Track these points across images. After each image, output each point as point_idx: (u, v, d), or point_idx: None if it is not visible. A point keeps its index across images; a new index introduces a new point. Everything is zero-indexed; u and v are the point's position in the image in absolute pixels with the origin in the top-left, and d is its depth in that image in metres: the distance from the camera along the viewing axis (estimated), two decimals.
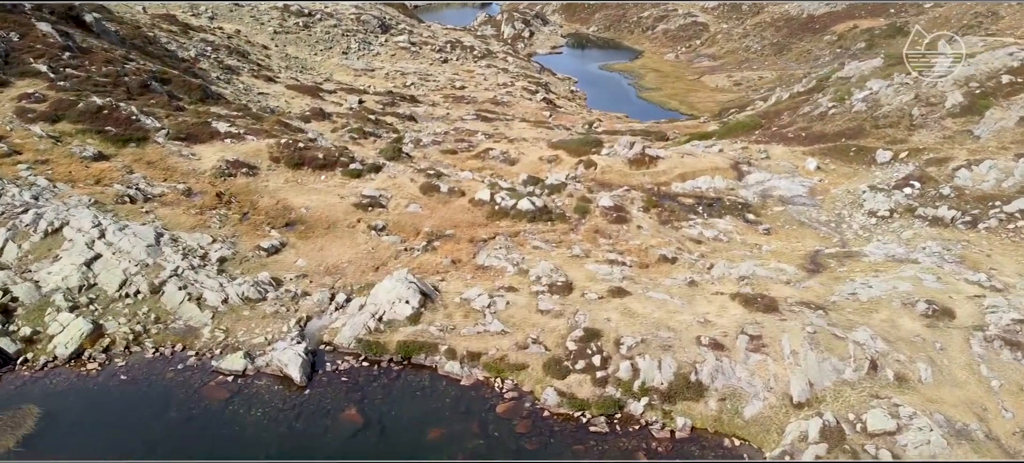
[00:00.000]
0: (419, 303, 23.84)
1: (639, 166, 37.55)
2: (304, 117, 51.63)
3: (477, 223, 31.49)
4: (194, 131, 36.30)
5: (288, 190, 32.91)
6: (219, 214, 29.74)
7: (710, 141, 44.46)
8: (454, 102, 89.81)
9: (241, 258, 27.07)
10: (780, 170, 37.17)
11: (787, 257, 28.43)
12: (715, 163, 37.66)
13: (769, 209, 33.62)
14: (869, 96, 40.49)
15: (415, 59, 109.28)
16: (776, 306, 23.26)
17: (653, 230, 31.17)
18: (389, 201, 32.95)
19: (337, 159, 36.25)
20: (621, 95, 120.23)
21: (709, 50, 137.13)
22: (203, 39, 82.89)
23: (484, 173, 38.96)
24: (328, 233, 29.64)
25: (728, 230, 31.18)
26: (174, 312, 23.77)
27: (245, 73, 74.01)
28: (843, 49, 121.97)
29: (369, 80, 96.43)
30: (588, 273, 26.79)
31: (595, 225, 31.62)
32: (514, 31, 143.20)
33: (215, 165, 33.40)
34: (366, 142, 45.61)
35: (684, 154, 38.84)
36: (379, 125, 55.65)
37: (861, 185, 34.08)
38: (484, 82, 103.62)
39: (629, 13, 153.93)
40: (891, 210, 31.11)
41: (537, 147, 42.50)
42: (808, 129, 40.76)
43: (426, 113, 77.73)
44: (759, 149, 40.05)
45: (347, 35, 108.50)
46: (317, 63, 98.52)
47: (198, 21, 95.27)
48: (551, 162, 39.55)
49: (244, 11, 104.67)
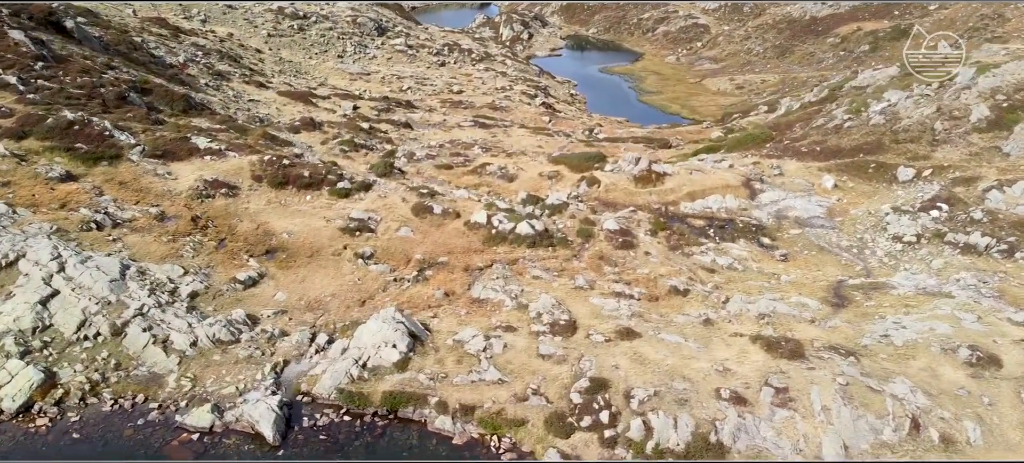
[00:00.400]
0: (407, 347, 21.49)
1: (645, 184, 35.21)
2: (293, 127, 49.27)
3: (472, 249, 29.16)
4: (172, 147, 33.91)
5: (270, 212, 30.55)
6: (193, 241, 27.38)
7: (719, 154, 42.13)
8: (451, 107, 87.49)
9: (215, 292, 24.71)
10: (795, 188, 34.85)
11: (808, 289, 26.10)
12: (726, 180, 35.33)
13: (785, 232, 31.29)
14: (887, 108, 38.16)
15: (412, 62, 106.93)
16: (802, 351, 20.94)
17: (662, 257, 28.83)
18: (378, 224, 30.60)
19: (324, 177, 33.88)
20: (621, 98, 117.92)
21: (710, 52, 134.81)
22: (194, 43, 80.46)
23: (481, 190, 36.63)
24: (311, 262, 27.28)
25: (743, 257, 28.85)
26: (137, 357, 21.42)
27: (236, 79, 71.64)
28: (847, 52, 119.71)
29: (365, 84, 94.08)
30: (593, 309, 24.46)
31: (600, 251, 29.29)
32: (513, 33, 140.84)
33: (192, 185, 31.03)
34: (357, 155, 43.25)
35: (692, 170, 36.51)
36: (372, 135, 53.31)
37: (883, 206, 31.76)
38: (482, 86, 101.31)
39: (629, 14, 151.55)
40: (918, 235, 28.79)
41: (537, 161, 40.16)
42: (823, 143, 38.44)
43: (422, 119, 75.42)
44: (772, 164, 37.72)
45: (343, 38, 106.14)
46: (312, 67, 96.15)
47: (190, 24, 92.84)
48: (552, 178, 37.22)
49: (237, 14, 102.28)
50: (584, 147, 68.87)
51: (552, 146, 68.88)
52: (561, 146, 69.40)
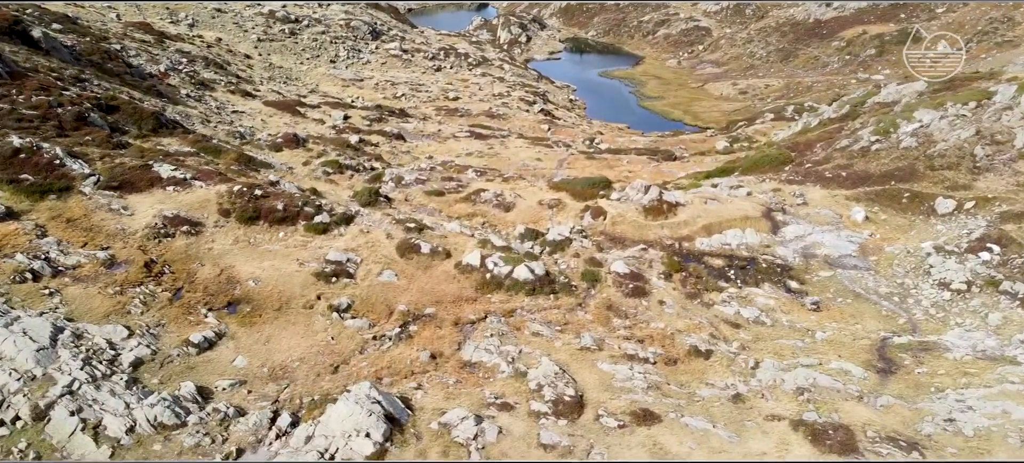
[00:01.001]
0: (384, 435, 17.92)
1: (656, 215, 31.64)
2: (275, 145, 45.62)
3: (464, 297, 25.59)
4: (131, 177, 30.28)
5: (236, 254, 26.93)
6: (144, 293, 23.77)
7: (733, 177, 38.59)
8: (447, 115, 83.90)
9: (163, 358, 21.11)
10: (821, 221, 31.29)
11: (848, 349, 22.56)
12: (744, 211, 31.76)
13: (814, 274, 27.73)
14: (920, 129, 34.61)
15: (407, 68, 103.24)
16: (854, 442, 17.41)
17: (679, 307, 25.26)
18: (358, 267, 27.00)
19: (300, 209, 30.26)
20: (622, 104, 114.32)
21: (712, 56, 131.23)
22: (179, 50, 76.71)
23: (474, 221, 33.04)
24: (279, 317, 23.69)
25: (769, 306, 25.29)
26: (62, 448, 17.83)
27: (221, 88, 67.91)
28: (852, 56, 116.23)
29: (358, 91, 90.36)
30: (602, 377, 20.90)
31: (608, 299, 25.73)
32: (511, 36, 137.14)
33: (150, 222, 27.40)
34: (341, 179, 39.63)
35: (707, 199, 32.94)
36: (360, 152, 49.68)
37: (923, 244, 28.22)
38: (479, 92, 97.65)
39: (629, 17, 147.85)
40: (968, 282, 25.25)
41: (536, 187, 36.56)
42: (849, 167, 34.90)
43: (416, 129, 71.84)
44: (793, 192, 34.19)
45: (336, 43, 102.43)
46: (303, 73, 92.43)
47: (176, 29, 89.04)
48: (553, 208, 33.64)
49: (227, 18, 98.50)
50: (585, 160, 65.35)
51: (552, 159, 65.34)
52: (561, 158, 65.86)
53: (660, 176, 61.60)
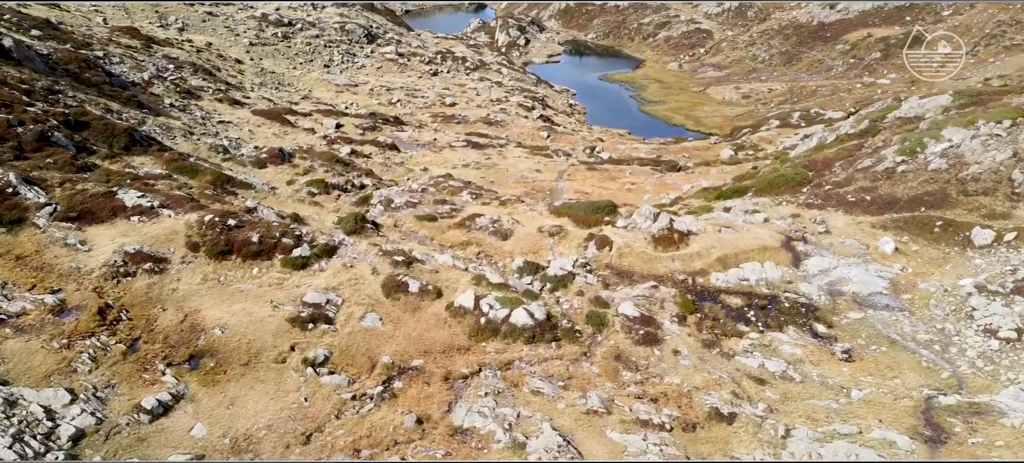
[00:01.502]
0: None
1: (666, 246, 28.86)
2: (259, 161, 42.80)
3: (456, 346, 22.82)
4: (92, 206, 27.49)
5: (204, 296, 24.15)
6: (95, 345, 20.97)
7: (747, 198, 35.85)
8: (443, 122, 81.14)
9: (110, 429, 18.32)
10: (847, 252, 28.54)
11: (889, 411, 19.81)
12: (762, 240, 28.99)
13: (843, 315, 24.98)
14: (950, 150, 31.86)
15: (403, 72, 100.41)
16: None
17: (695, 357, 22.50)
18: (339, 310, 24.22)
19: (278, 240, 27.45)
20: (622, 108, 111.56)
21: (714, 59, 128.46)
22: (166, 56, 73.84)
23: (469, 251, 30.25)
24: (246, 373, 20.91)
25: (796, 356, 22.53)
26: None
27: (208, 96, 65.08)
28: (857, 59, 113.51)
29: (352, 97, 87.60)
30: (612, 449, 18.15)
31: (616, 347, 22.97)
32: (509, 39, 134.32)
33: (108, 260, 24.60)
34: (327, 200, 36.85)
35: (721, 226, 30.17)
36: (350, 166, 46.88)
37: (962, 281, 25.48)
38: (476, 97, 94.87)
39: (629, 19, 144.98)
40: (1018, 330, 22.50)
41: (536, 213, 33.74)
42: (873, 190, 32.15)
43: (411, 138, 69.09)
44: (814, 218, 31.44)
45: (330, 46, 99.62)
46: (296, 78, 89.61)
47: (165, 33, 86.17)
48: (553, 235, 30.84)
49: (218, 22, 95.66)
50: (586, 171, 62.61)
51: (551, 170, 62.59)
52: (561, 169, 63.12)
53: (664, 188, 58.83)
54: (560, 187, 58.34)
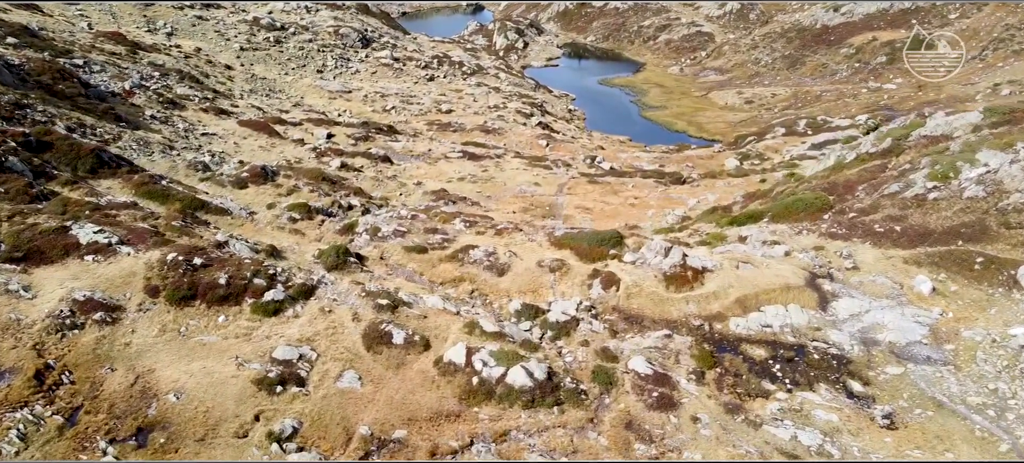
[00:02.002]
0: None
1: (679, 285, 25.98)
2: (239, 180, 39.86)
3: (445, 412, 19.92)
4: (42, 244, 24.57)
5: (160, 351, 21.23)
6: (27, 419, 18.06)
7: (763, 224, 33.00)
8: (439, 130, 78.26)
9: None
10: (879, 292, 25.67)
11: None
12: (784, 278, 26.12)
13: (880, 370, 22.12)
14: (986, 176, 29.00)
15: (398, 77, 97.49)
16: None
17: (718, 427, 19.62)
18: (313, 367, 21.31)
19: (249, 281, 24.54)
20: (623, 114, 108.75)
21: (715, 63, 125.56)
22: (152, 62, 70.96)
23: (462, 289, 27.36)
24: (201, 451, 17.99)
25: (832, 425, 19.66)
26: None
27: (193, 105, 62.13)
28: (862, 63, 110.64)
29: (345, 103, 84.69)
30: None
31: (626, 412, 20.09)
32: (507, 42, 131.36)
33: (53, 310, 21.67)
34: (310, 227, 33.94)
35: (738, 261, 27.28)
36: (338, 185, 43.96)
37: (1013, 330, 22.64)
38: (474, 103, 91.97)
39: (629, 21, 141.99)
40: None
41: (535, 244, 30.79)
42: (902, 220, 29.28)
43: (405, 149, 66.21)
44: (840, 251, 28.57)
45: (323, 51, 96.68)
46: (288, 84, 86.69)
47: (153, 38, 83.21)
48: (554, 271, 27.94)
49: (208, 26, 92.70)
50: (587, 184, 59.74)
51: (551, 183, 59.74)
52: (561, 182, 60.26)
53: (669, 203, 56.00)
54: (560, 202, 55.49)
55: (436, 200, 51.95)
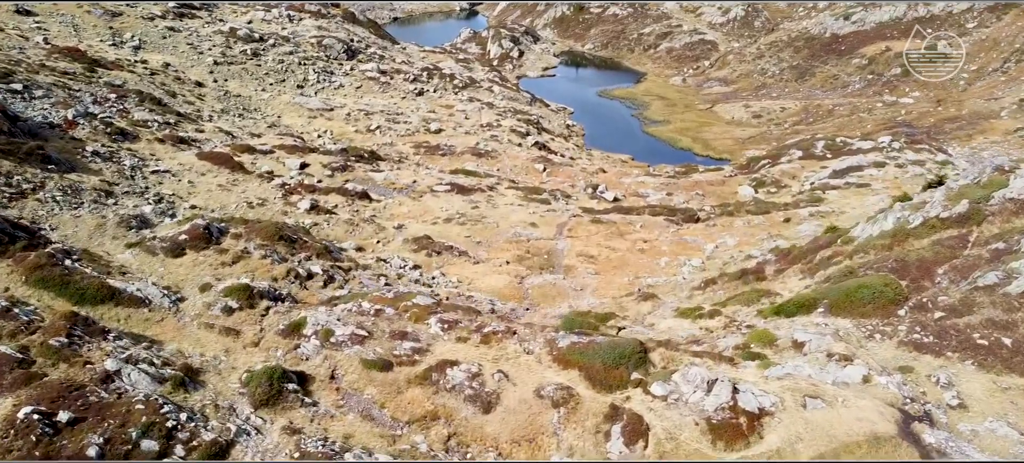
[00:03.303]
0: None
1: (731, 440, 18.70)
2: (175, 246, 32.40)
3: None
4: None
5: None
6: None
7: (817, 315, 25.82)
8: (427, 154, 70.86)
9: None
10: (1000, 449, 18.43)
11: None
12: (870, 424, 18.88)
13: None
14: None
15: (385, 92, 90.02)
16: None
17: None
18: None
19: (134, 445, 17.18)
20: (624, 129, 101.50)
21: (720, 73, 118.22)
22: (110, 83, 63.42)
23: (434, 433, 20.02)
24: None
25: None
26: None
27: (150, 134, 54.62)
28: (875, 75, 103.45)
29: (326, 123, 77.20)
30: None
31: None
32: (502, 50, 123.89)
33: None
34: (248, 320, 26.51)
35: (804, 394, 20.04)
36: (298, 244, 36.49)
37: None
38: (465, 121, 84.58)
39: (629, 29, 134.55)
40: None
41: (532, 359, 23.39)
42: (1012, 329, 22.10)
43: (387, 181, 58.79)
44: (934, 374, 21.36)
45: (305, 64, 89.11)
46: (264, 102, 79.11)
47: (117, 53, 75.53)
48: (559, 406, 20.64)
49: (180, 38, 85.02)
50: (590, 224, 52.50)
51: (549, 223, 52.46)
52: (561, 222, 52.99)
53: (684, 249, 48.78)
54: (560, 248, 48.20)
55: (418, 249, 44.66)
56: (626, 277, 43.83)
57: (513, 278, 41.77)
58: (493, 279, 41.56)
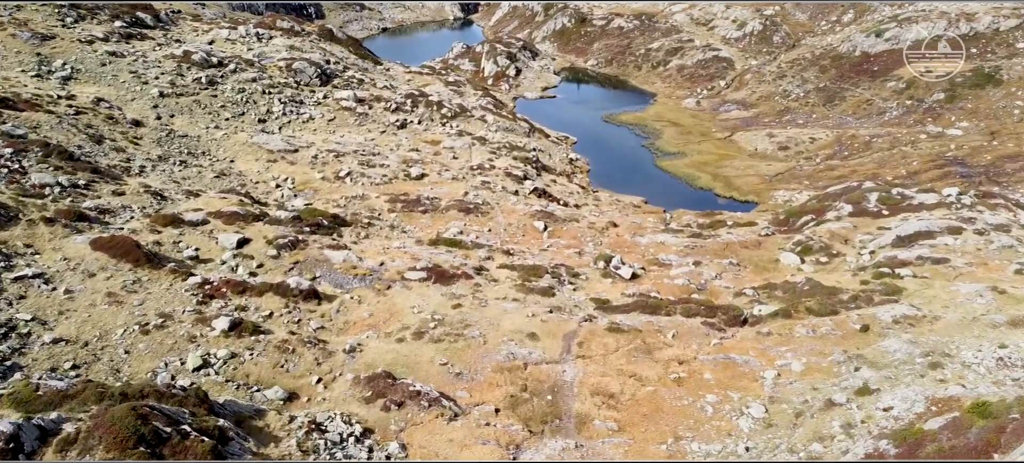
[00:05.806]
0: None
1: None
2: None
3: None
4: None
5: None
6: None
7: None
8: (404, 212, 57.21)
9: None
10: None
11: None
12: None
13: None
14: None
15: (361, 125, 76.27)
16: None
17: None
18: None
19: None
20: (633, 162, 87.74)
21: (737, 95, 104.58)
22: (9, 131, 49.90)
23: None
24: None
25: None
26: None
27: (36, 212, 41.04)
28: (916, 101, 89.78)
29: (287, 168, 63.41)
30: None
31: None
32: (497, 68, 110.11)
33: None
34: None
35: None
36: (170, 446, 23.04)
37: None
38: (453, 163, 70.87)
39: (635, 44, 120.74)
40: None
41: None
42: None
43: (346, 264, 45.24)
44: None
45: (269, 93, 75.17)
46: (216, 142, 65.19)
47: (39, 85, 61.63)
48: None
49: (122, 65, 70.88)
50: (606, 334, 39.18)
51: (556, 335, 38.91)
52: (568, 332, 39.52)
53: (735, 378, 35.36)
54: (568, 380, 34.95)
55: (372, 396, 31.42)
56: (661, 439, 30.68)
57: (504, 450, 28.65)
58: (476, 452, 28.48)
